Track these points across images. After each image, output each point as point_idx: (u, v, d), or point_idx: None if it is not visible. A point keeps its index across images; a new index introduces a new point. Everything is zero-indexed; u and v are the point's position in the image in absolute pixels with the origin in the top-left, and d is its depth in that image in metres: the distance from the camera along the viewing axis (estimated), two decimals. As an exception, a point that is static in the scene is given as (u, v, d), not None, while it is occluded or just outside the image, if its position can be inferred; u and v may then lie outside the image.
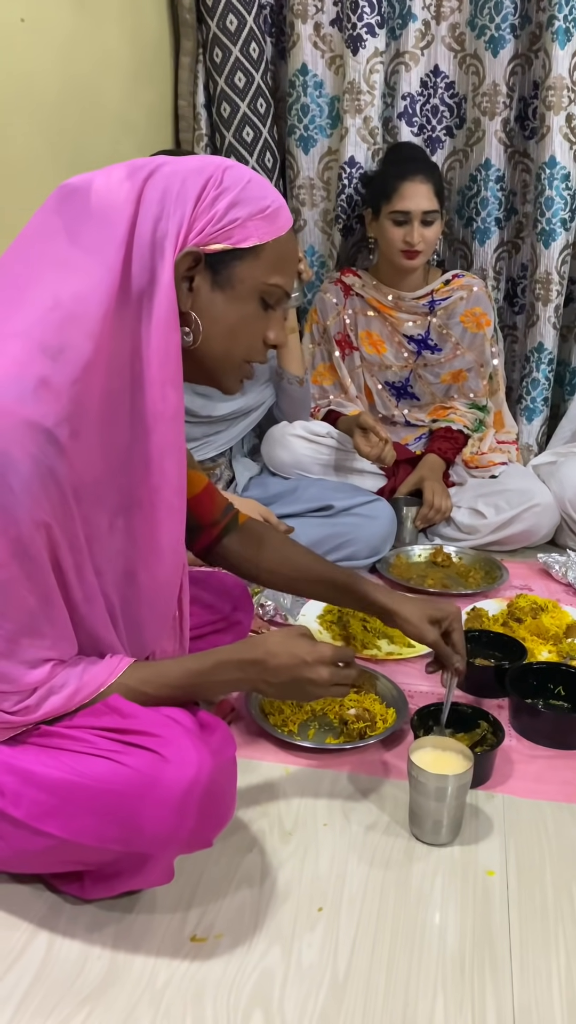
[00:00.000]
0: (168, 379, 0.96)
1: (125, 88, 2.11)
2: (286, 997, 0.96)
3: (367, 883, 1.12)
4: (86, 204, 0.94)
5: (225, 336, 1.01)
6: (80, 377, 0.90)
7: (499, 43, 2.18)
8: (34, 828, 0.95)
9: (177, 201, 0.94)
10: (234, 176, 0.97)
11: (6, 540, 0.90)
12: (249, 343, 1.04)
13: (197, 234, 0.95)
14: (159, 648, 1.15)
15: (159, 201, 0.93)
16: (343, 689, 1.13)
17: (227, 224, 0.96)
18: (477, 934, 1.05)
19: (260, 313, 1.03)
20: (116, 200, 0.93)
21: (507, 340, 2.51)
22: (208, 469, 2.07)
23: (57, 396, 0.89)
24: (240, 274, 0.99)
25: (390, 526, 2.01)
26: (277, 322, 1.06)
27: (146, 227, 0.93)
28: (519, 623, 1.70)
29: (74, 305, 0.91)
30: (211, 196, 0.95)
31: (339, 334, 2.31)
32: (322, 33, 2.29)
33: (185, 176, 0.95)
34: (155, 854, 0.97)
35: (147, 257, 0.93)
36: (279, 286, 1.02)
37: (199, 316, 0.99)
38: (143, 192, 0.93)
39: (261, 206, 0.97)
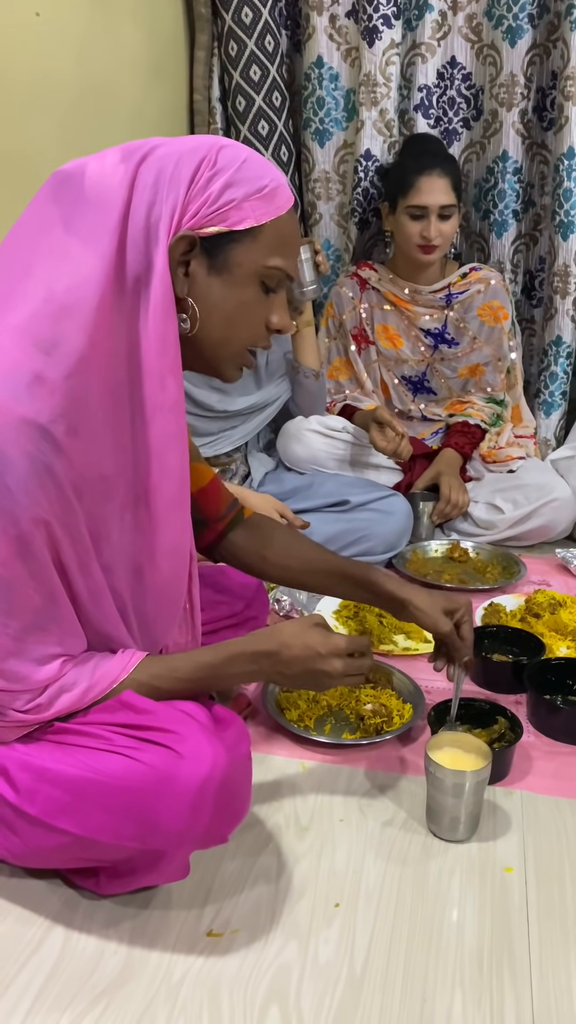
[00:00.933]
0: (167, 368, 0.94)
1: (140, 82, 2.10)
2: (303, 993, 0.95)
3: (384, 879, 1.11)
4: (80, 190, 0.91)
5: (224, 322, 0.99)
6: (75, 371, 0.89)
7: (517, 33, 2.16)
8: (49, 825, 0.95)
9: (171, 184, 0.91)
10: (229, 155, 0.93)
11: (7, 539, 0.89)
12: (250, 329, 1.01)
13: (191, 217, 0.92)
14: (171, 641, 1.15)
15: (153, 185, 0.91)
16: (358, 679, 1.12)
17: (222, 206, 0.92)
18: (495, 931, 1.04)
19: (261, 297, 1.00)
20: (110, 185, 0.90)
21: (525, 333, 2.49)
22: (224, 464, 2.06)
23: (52, 392, 0.88)
24: (237, 257, 0.95)
25: (406, 521, 2.00)
26: (280, 306, 1.02)
27: (140, 213, 0.90)
28: (537, 619, 1.69)
29: (67, 297, 0.89)
30: (205, 177, 0.92)
31: (355, 328, 2.29)
32: (338, 25, 2.28)
33: (179, 158, 0.92)
34: (170, 850, 0.97)
35: (141, 244, 0.90)
36: (280, 268, 0.98)
37: (196, 302, 0.96)
38: (137, 176, 0.91)
39: (258, 186, 0.94)
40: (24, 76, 1.63)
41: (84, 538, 0.95)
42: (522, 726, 1.31)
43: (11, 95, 1.61)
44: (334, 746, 1.35)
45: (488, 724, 1.33)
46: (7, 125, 1.61)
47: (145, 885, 1.04)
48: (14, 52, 1.60)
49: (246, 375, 2.04)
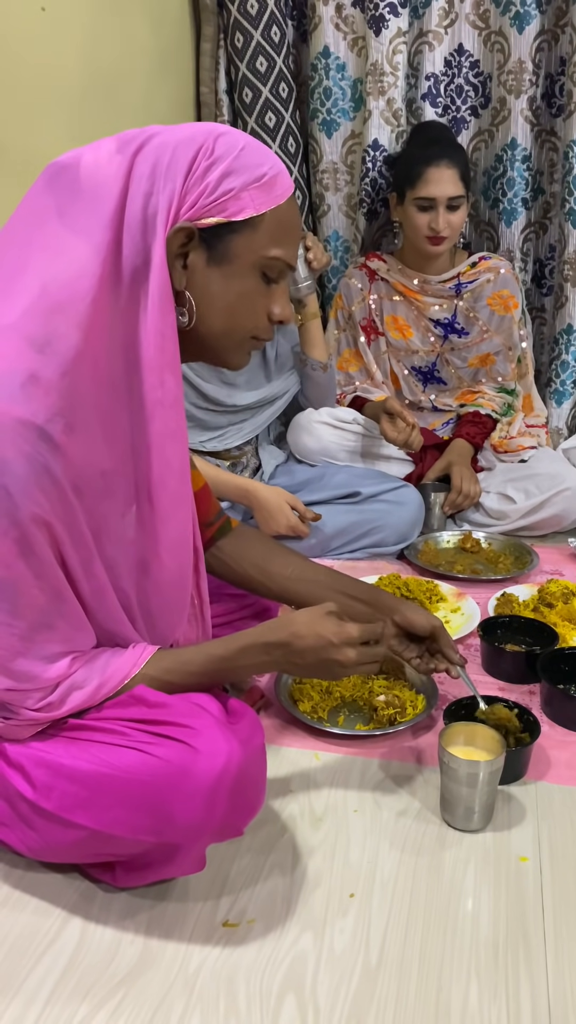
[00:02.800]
0: (166, 364, 0.93)
1: (147, 76, 2.10)
2: (319, 982, 0.96)
3: (399, 869, 1.11)
4: (75, 181, 0.90)
5: (225, 314, 0.97)
6: (70, 369, 0.88)
7: (524, 19, 2.14)
8: (65, 820, 0.96)
9: (167, 174, 0.89)
10: (227, 143, 0.91)
11: (8, 541, 0.89)
12: (252, 320, 1.00)
13: (189, 208, 0.90)
14: (182, 636, 1.15)
15: (149, 176, 0.89)
16: (372, 667, 1.11)
17: (221, 196, 0.90)
18: (511, 920, 1.04)
19: (262, 288, 0.98)
20: (106, 176, 0.89)
21: (535, 322, 2.47)
22: (234, 458, 2.06)
23: (47, 391, 0.87)
24: (237, 248, 0.94)
25: (418, 512, 2.00)
26: (281, 296, 1.01)
27: (136, 204, 0.89)
28: (550, 608, 1.68)
29: (60, 293, 0.87)
30: (203, 167, 0.90)
31: (364, 319, 2.29)
32: (344, 14, 2.27)
33: (175, 147, 0.90)
34: (186, 844, 0.97)
35: (138, 236, 0.89)
36: (280, 258, 0.97)
37: (195, 295, 0.95)
38: (133, 166, 0.89)
39: (257, 174, 0.92)
40: (30, 70, 1.63)
41: (86, 537, 0.95)
42: (536, 719, 1.29)
43: (18, 90, 1.61)
44: (348, 737, 1.35)
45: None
46: (14, 120, 1.62)
47: (161, 878, 1.05)
48: (20, 47, 1.60)
49: (255, 369, 2.04)
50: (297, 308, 2.03)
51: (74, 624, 0.98)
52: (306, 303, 2.01)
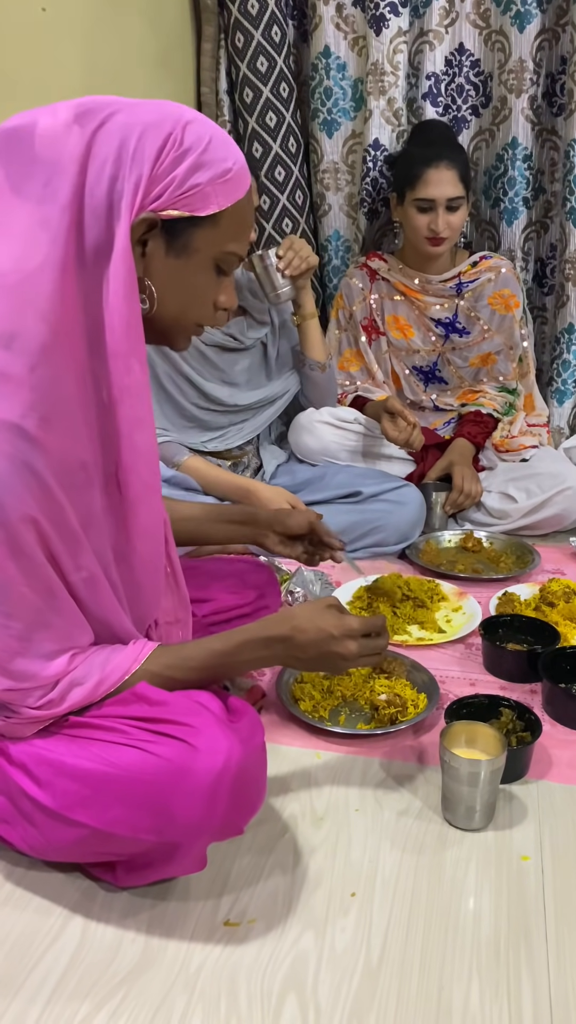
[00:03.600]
0: (132, 350, 0.91)
1: (147, 76, 2.10)
2: (320, 981, 0.96)
3: (400, 868, 1.11)
4: (30, 151, 0.86)
5: (178, 303, 0.97)
6: (39, 361, 0.86)
7: (525, 18, 2.14)
8: (67, 818, 0.96)
9: (134, 160, 0.86)
10: (196, 134, 0.89)
11: None
12: (201, 309, 1.00)
13: (155, 199, 0.88)
14: (160, 612, 1.15)
15: (115, 158, 0.86)
16: (374, 659, 1.12)
17: (188, 191, 0.89)
18: (512, 919, 1.04)
19: (214, 280, 0.99)
20: (64, 150, 0.85)
21: (537, 321, 2.47)
22: (235, 457, 2.06)
23: (18, 386, 0.85)
24: (197, 242, 0.93)
25: (419, 512, 2.00)
26: (228, 287, 1.01)
27: (100, 187, 0.86)
28: (552, 607, 1.68)
29: (23, 284, 0.85)
30: (171, 157, 0.88)
31: (365, 319, 2.29)
32: (344, 14, 2.27)
33: (143, 131, 0.87)
34: (186, 843, 0.97)
35: (102, 220, 0.87)
36: (235, 252, 0.97)
37: (153, 282, 0.94)
38: (93, 143, 0.86)
39: (223, 169, 0.91)
40: (30, 71, 1.63)
41: (73, 529, 0.94)
42: (538, 719, 1.29)
43: (18, 90, 1.61)
44: (349, 736, 1.35)
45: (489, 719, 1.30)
46: (15, 121, 1.62)
47: (162, 878, 1.05)
48: (20, 47, 1.60)
49: (256, 369, 2.05)
50: (293, 309, 2.03)
51: (70, 621, 0.98)
52: (301, 304, 2.01)
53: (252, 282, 2.02)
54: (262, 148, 2.32)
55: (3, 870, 1.10)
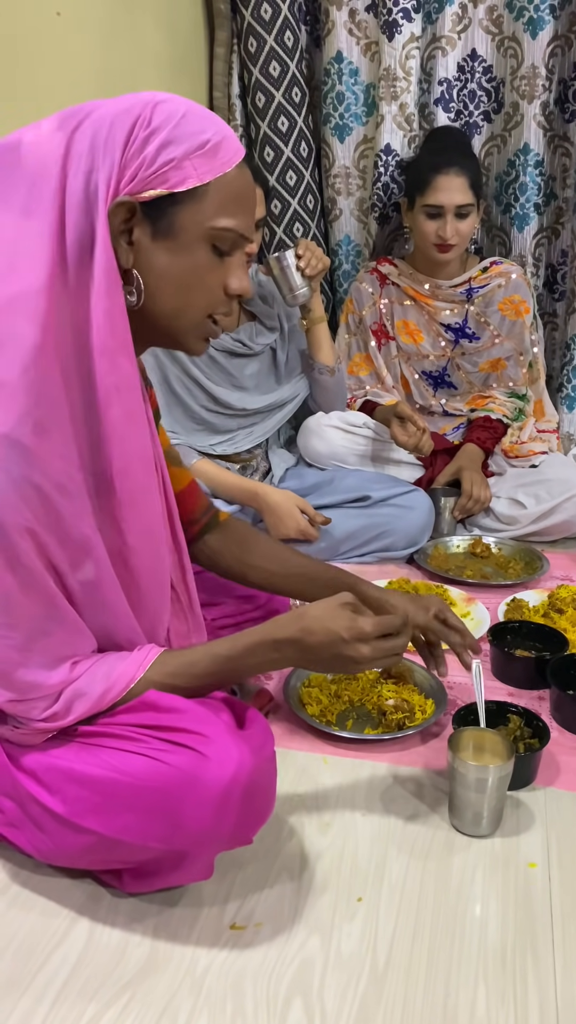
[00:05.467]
0: (118, 347, 0.88)
1: (160, 80, 2.11)
2: (326, 986, 0.95)
3: (407, 874, 1.11)
4: (16, 162, 0.86)
5: (175, 292, 0.93)
6: (30, 364, 0.84)
7: (538, 24, 2.14)
8: (77, 825, 0.96)
9: (105, 148, 0.85)
10: (165, 112, 0.87)
11: None
12: (206, 296, 0.95)
13: (129, 181, 0.86)
14: (172, 631, 1.14)
15: (88, 152, 0.85)
16: (391, 660, 1.06)
17: (161, 167, 0.86)
18: (519, 926, 1.03)
19: (213, 261, 0.94)
20: (45, 155, 0.85)
21: (547, 327, 2.47)
22: (244, 461, 2.07)
23: (11, 393, 0.84)
24: (182, 221, 0.89)
25: (428, 517, 1.99)
26: (237, 268, 0.96)
27: (78, 183, 0.85)
28: (560, 614, 1.67)
29: (10, 287, 0.84)
30: (140, 137, 0.86)
31: (375, 324, 2.29)
32: (357, 19, 2.27)
33: (113, 119, 0.86)
34: (195, 852, 0.97)
35: (81, 216, 0.85)
36: (230, 229, 0.92)
37: (142, 273, 0.91)
38: (71, 143, 0.86)
39: (199, 141, 0.87)
40: (45, 75, 1.64)
41: (71, 535, 0.92)
42: (546, 725, 1.29)
43: (33, 95, 1.62)
44: (356, 741, 1.35)
45: (497, 725, 1.30)
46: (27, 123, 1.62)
47: (169, 885, 1.05)
48: (35, 51, 1.61)
49: (266, 373, 2.05)
50: (303, 313, 2.03)
51: (71, 629, 0.96)
52: (311, 308, 2.01)
53: (262, 287, 2.02)
54: (274, 152, 2.33)
55: (10, 871, 1.11)
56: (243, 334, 1.99)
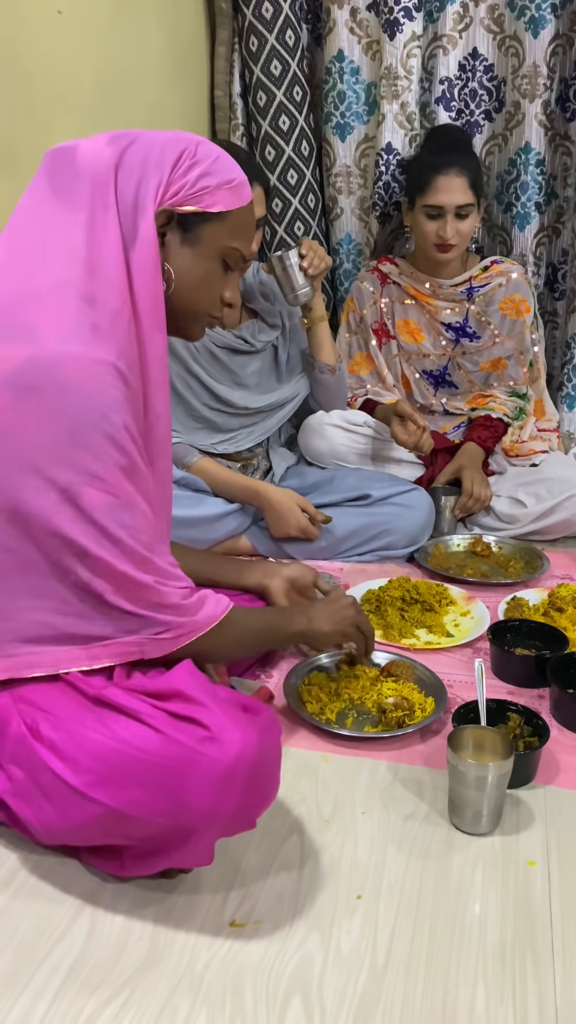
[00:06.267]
0: (156, 324, 1.07)
1: (161, 79, 2.11)
2: (325, 983, 0.96)
3: (406, 872, 1.11)
4: (73, 165, 1.05)
5: (190, 289, 1.12)
6: (114, 321, 1.02)
7: (539, 23, 2.14)
8: (85, 795, 0.97)
9: (156, 165, 1.05)
10: (206, 151, 1.09)
11: (119, 471, 1.00)
12: (209, 299, 1.15)
13: (172, 196, 1.06)
14: None
15: (141, 165, 1.05)
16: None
17: (199, 190, 1.07)
18: (518, 924, 1.04)
19: (220, 273, 1.14)
20: (99, 162, 1.05)
21: (548, 327, 2.47)
22: (245, 459, 2.07)
23: (107, 335, 1.01)
24: (206, 234, 1.10)
25: (428, 515, 1.99)
26: (233, 283, 1.17)
27: (130, 186, 1.04)
28: (560, 613, 1.68)
29: (89, 255, 1.02)
30: (186, 164, 1.06)
31: (376, 323, 2.29)
32: (358, 18, 2.27)
33: (163, 145, 1.07)
34: (199, 829, 0.98)
35: (130, 213, 1.04)
36: (238, 250, 1.13)
37: (171, 268, 1.10)
38: (123, 156, 1.05)
39: (228, 178, 1.09)
40: (46, 73, 1.64)
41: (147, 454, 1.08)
42: (546, 723, 1.29)
43: (34, 92, 1.62)
44: (356, 739, 1.35)
45: (497, 724, 1.31)
46: (30, 122, 1.63)
47: (170, 867, 1.06)
48: (36, 50, 1.61)
49: (267, 372, 2.05)
50: (303, 312, 2.03)
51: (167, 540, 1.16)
52: (312, 307, 2.01)
53: (264, 285, 2.02)
54: (275, 151, 2.33)
55: (14, 862, 1.11)
56: (245, 331, 1.99)
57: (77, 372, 0.97)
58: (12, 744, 1.03)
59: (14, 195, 1.61)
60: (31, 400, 0.97)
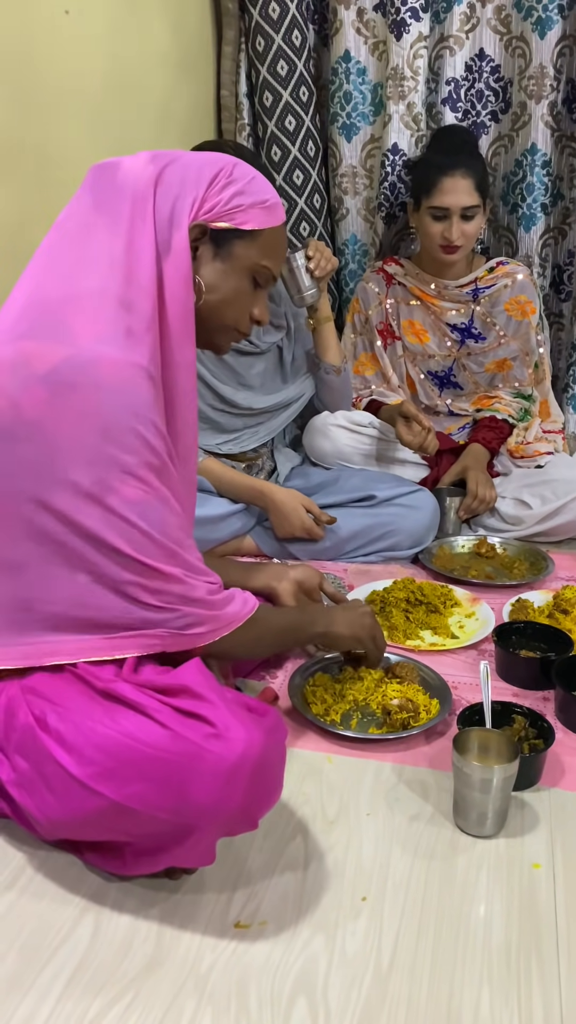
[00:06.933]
0: (186, 333, 1.10)
1: (168, 79, 2.11)
2: (330, 985, 0.96)
3: (411, 874, 1.11)
4: (115, 180, 1.09)
5: (220, 303, 1.16)
6: (148, 327, 1.05)
7: (546, 24, 2.14)
8: (90, 788, 0.98)
9: (194, 183, 1.09)
10: (242, 171, 1.13)
11: (148, 469, 1.02)
12: (237, 314, 1.19)
13: (207, 212, 1.10)
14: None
15: (179, 183, 1.09)
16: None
17: (233, 208, 1.11)
18: (523, 927, 1.04)
19: (250, 290, 1.18)
20: (140, 179, 1.08)
21: (553, 328, 2.47)
22: (250, 460, 2.07)
23: (140, 340, 1.04)
24: (238, 251, 1.14)
25: (433, 516, 1.99)
26: (262, 301, 1.21)
27: (167, 203, 1.08)
28: (565, 615, 1.67)
29: (128, 263, 1.05)
30: (221, 183, 1.10)
31: (381, 323, 2.29)
32: (365, 19, 2.27)
33: (201, 165, 1.11)
34: (201, 826, 0.99)
35: (166, 227, 1.07)
36: (268, 268, 1.17)
37: (202, 281, 1.13)
38: (162, 174, 1.09)
39: (262, 198, 1.13)
40: (53, 73, 1.64)
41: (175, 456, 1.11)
42: (551, 726, 1.29)
43: (41, 92, 1.62)
44: (361, 740, 1.35)
45: (502, 726, 1.31)
46: (37, 121, 1.63)
47: (171, 865, 1.06)
48: (44, 49, 1.61)
49: (272, 373, 2.05)
50: (309, 313, 2.03)
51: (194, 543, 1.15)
52: (317, 308, 2.01)
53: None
54: (281, 152, 2.33)
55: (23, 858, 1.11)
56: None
57: (112, 373, 1.00)
58: (19, 734, 1.04)
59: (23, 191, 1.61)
60: (66, 397, 0.99)
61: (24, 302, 1.07)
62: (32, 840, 1.13)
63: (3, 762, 1.06)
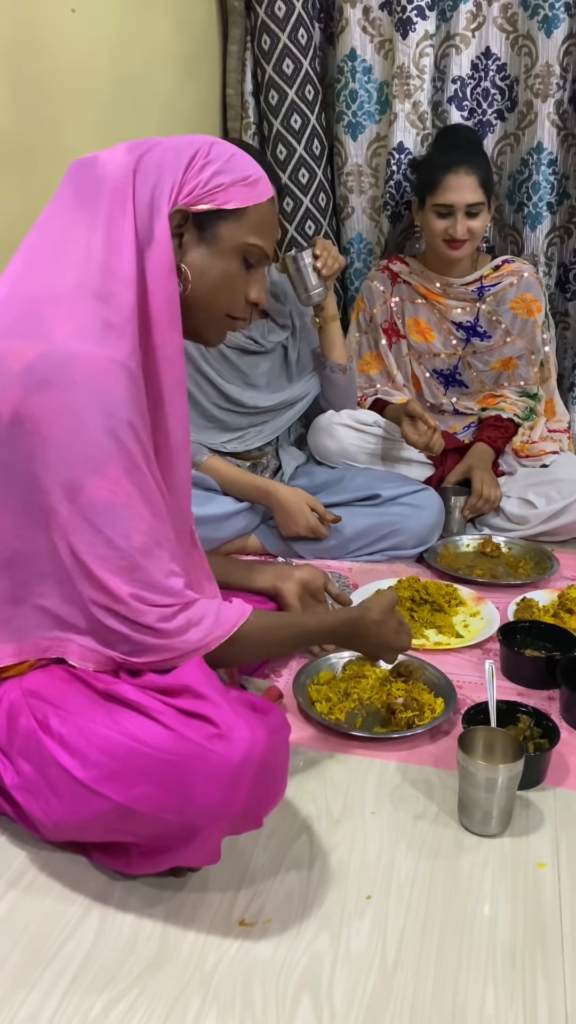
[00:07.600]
0: (171, 324, 1.07)
1: (174, 77, 2.11)
2: (334, 983, 0.96)
3: (416, 872, 1.11)
4: (94, 174, 1.07)
5: (209, 289, 1.11)
6: (129, 318, 1.03)
7: (553, 23, 2.13)
8: (93, 790, 0.98)
9: (170, 168, 1.06)
10: (220, 150, 1.09)
11: (118, 466, 0.99)
12: (231, 298, 1.14)
13: (186, 196, 1.07)
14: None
15: (156, 169, 1.06)
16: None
17: (212, 188, 1.07)
18: (528, 926, 1.03)
19: (242, 271, 1.13)
20: (118, 170, 1.06)
21: (559, 327, 2.46)
22: (255, 458, 2.07)
23: (120, 333, 1.02)
24: (223, 233, 1.09)
25: (438, 516, 1.99)
26: (258, 281, 1.16)
27: (146, 191, 1.05)
28: (570, 614, 1.67)
29: (107, 256, 1.03)
30: (199, 164, 1.07)
31: (386, 322, 2.28)
32: (371, 17, 2.27)
33: (177, 149, 1.08)
34: (206, 826, 0.98)
35: (146, 216, 1.05)
36: (259, 246, 1.12)
37: (188, 268, 1.10)
38: (140, 163, 1.06)
39: (243, 175, 1.09)
40: (60, 71, 1.65)
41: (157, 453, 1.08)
42: (556, 725, 1.29)
43: (47, 90, 1.62)
44: (365, 739, 1.35)
45: (507, 725, 1.31)
46: (44, 119, 1.63)
47: (177, 864, 1.06)
48: (50, 47, 1.61)
49: (277, 372, 2.05)
50: (316, 311, 2.03)
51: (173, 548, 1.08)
52: (324, 306, 2.01)
53: (275, 284, 2.02)
54: (286, 150, 2.33)
55: (28, 856, 1.11)
56: (255, 331, 1.98)
57: (86, 369, 0.98)
58: (22, 738, 1.04)
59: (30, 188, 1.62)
60: (41, 395, 0.98)
61: (2, 301, 1.05)
62: (36, 839, 1.13)
63: (7, 766, 1.06)
